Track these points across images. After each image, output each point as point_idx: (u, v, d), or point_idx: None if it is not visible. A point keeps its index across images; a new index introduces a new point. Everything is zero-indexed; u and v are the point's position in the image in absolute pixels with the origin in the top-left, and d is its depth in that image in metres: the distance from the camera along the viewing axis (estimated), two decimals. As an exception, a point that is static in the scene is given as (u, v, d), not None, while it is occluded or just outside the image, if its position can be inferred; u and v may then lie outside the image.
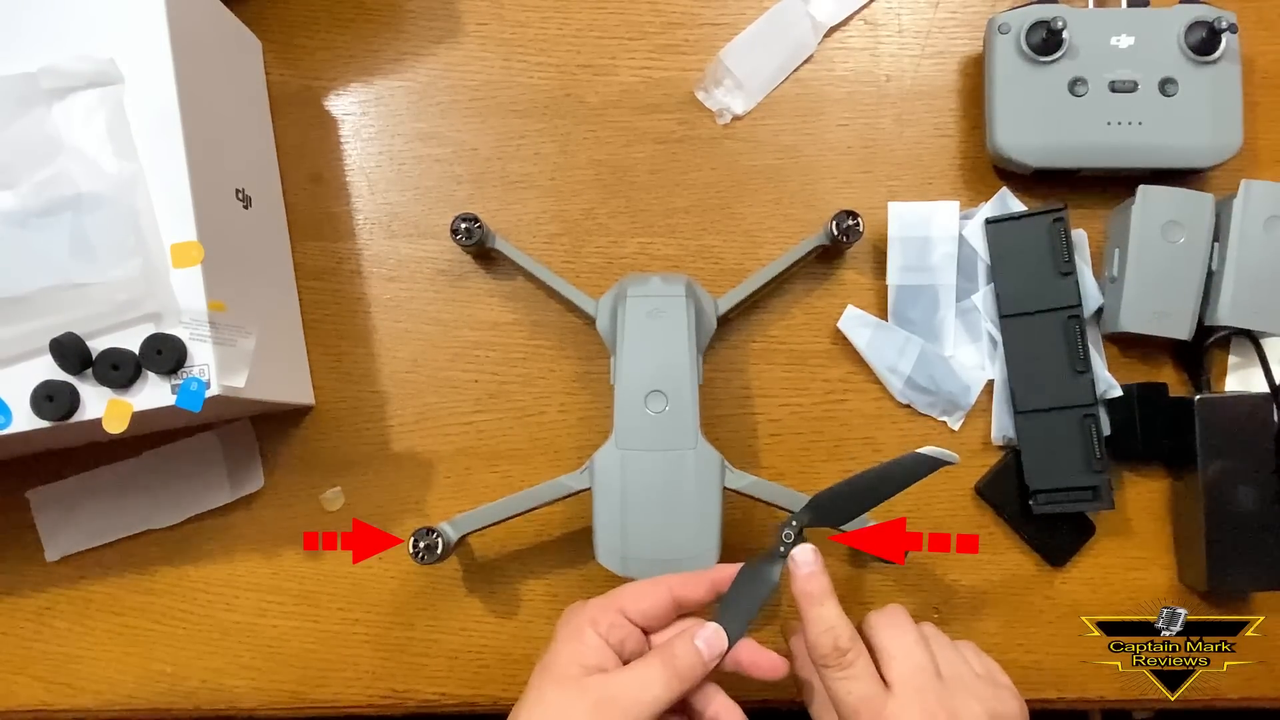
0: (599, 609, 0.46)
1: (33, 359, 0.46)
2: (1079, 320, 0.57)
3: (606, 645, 0.44)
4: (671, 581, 0.46)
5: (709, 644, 0.44)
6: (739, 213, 0.61)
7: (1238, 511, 0.56)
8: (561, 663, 0.44)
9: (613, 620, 0.45)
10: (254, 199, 0.56)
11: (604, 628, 0.45)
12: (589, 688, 0.42)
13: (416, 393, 0.61)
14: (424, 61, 0.62)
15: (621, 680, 0.43)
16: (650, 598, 0.46)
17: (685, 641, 0.44)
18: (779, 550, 0.46)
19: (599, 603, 0.46)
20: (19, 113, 0.46)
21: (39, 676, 0.61)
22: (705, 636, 0.44)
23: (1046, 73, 0.57)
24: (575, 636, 0.45)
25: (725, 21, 0.62)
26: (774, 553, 0.46)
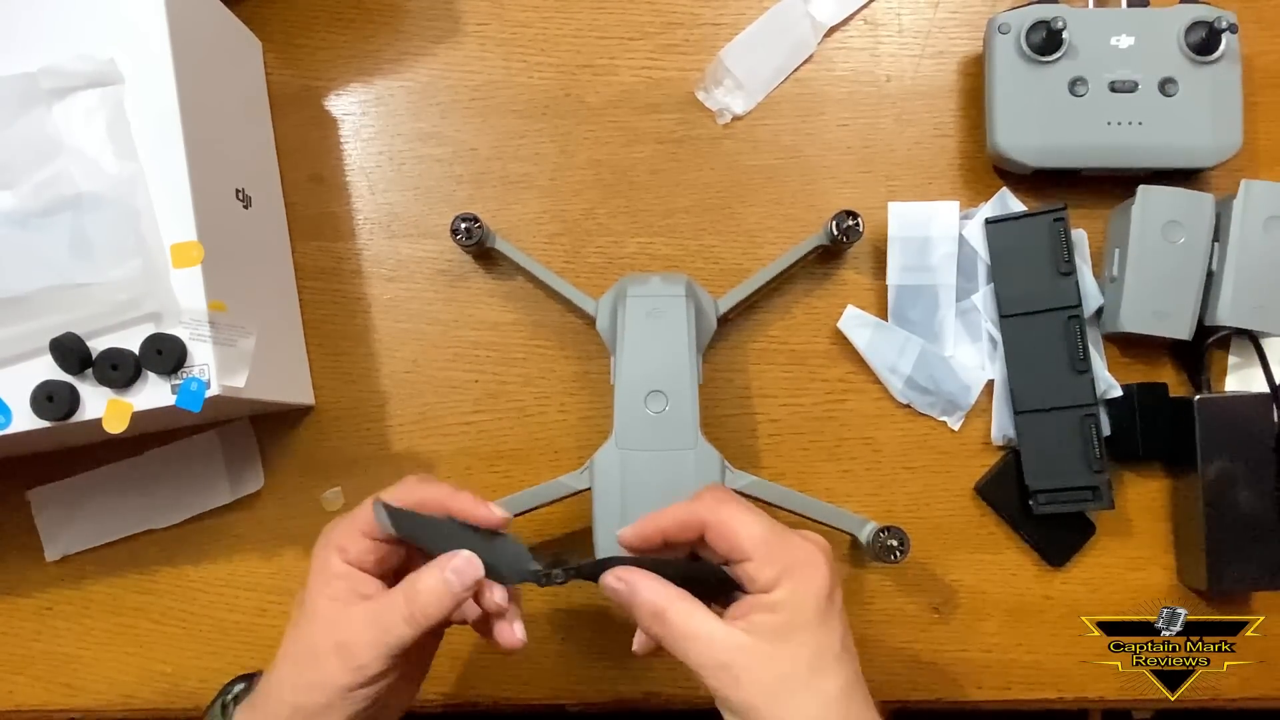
0: (345, 534, 0.43)
1: (33, 359, 0.46)
2: (1079, 320, 0.57)
3: (359, 572, 0.43)
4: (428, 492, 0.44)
5: (460, 574, 0.41)
6: (739, 213, 0.61)
7: (1238, 511, 0.56)
8: (309, 600, 0.43)
9: (363, 546, 0.43)
10: (254, 199, 0.56)
11: (354, 554, 0.43)
12: (331, 629, 0.41)
13: (416, 393, 0.61)
14: (424, 61, 0.62)
15: (360, 621, 0.41)
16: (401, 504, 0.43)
17: (431, 574, 0.41)
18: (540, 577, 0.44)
19: (345, 526, 0.43)
20: (19, 113, 0.46)
21: (39, 676, 0.61)
22: (456, 566, 0.41)
23: (1046, 73, 0.57)
24: (322, 568, 0.43)
25: (725, 21, 0.62)
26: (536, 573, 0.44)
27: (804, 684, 0.39)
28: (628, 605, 0.42)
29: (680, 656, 0.40)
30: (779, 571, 0.40)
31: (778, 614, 0.40)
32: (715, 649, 0.40)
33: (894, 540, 0.54)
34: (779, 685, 0.39)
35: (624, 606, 0.42)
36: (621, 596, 0.42)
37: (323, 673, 0.41)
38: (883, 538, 0.54)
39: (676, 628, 0.40)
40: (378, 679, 0.41)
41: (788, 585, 0.40)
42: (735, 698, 0.39)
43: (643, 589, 0.42)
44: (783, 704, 0.39)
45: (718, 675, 0.40)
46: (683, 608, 0.41)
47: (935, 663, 0.59)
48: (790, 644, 0.40)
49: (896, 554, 0.53)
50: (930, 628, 0.59)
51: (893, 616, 0.59)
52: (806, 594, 0.40)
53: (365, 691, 0.41)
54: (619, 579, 0.42)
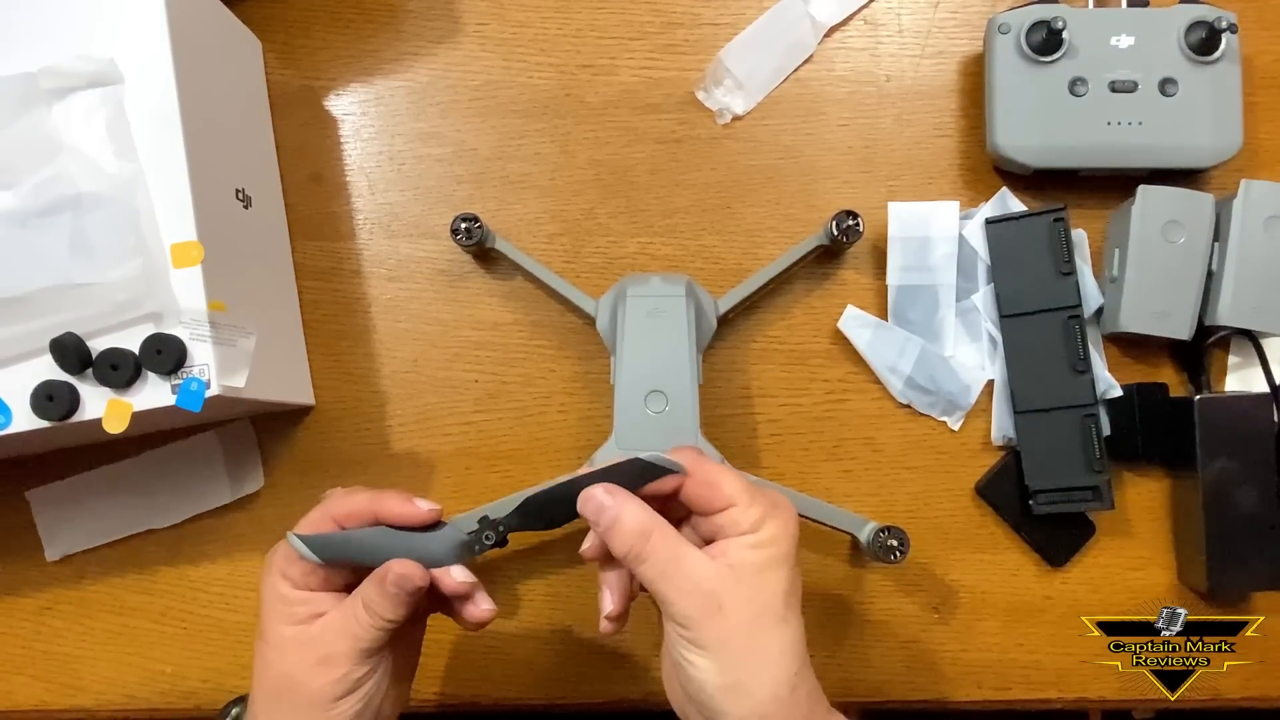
0: (285, 561, 0.44)
1: (33, 359, 0.46)
2: (1079, 320, 0.57)
3: (311, 593, 0.43)
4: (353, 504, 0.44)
5: (401, 584, 0.42)
6: (739, 213, 0.61)
7: (1238, 511, 0.56)
8: (271, 631, 0.43)
9: (305, 568, 0.43)
10: (254, 199, 0.56)
11: (299, 578, 0.43)
12: (304, 650, 0.42)
13: (416, 393, 0.61)
14: (424, 61, 0.62)
15: (331, 634, 0.42)
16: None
17: (374, 586, 0.42)
18: (473, 545, 0.44)
19: (284, 553, 0.44)
20: (19, 113, 0.46)
21: (39, 676, 0.61)
22: (394, 580, 0.42)
23: (1046, 73, 0.57)
24: (274, 599, 0.43)
25: (725, 21, 0.62)
26: (469, 544, 0.44)
27: (779, 619, 0.40)
28: (610, 524, 0.41)
29: (659, 583, 0.40)
30: (763, 513, 0.41)
31: (762, 550, 0.40)
32: (700, 574, 0.39)
33: (894, 540, 0.54)
34: (757, 619, 0.39)
35: (605, 526, 0.41)
36: (606, 515, 0.41)
37: (307, 692, 0.42)
38: (883, 538, 0.54)
39: (663, 550, 0.40)
40: (362, 681, 0.43)
41: (769, 526, 0.41)
42: (712, 626, 0.39)
43: (630, 507, 0.41)
44: (757, 637, 0.39)
45: (698, 601, 0.39)
46: (669, 531, 0.41)
47: (935, 663, 0.59)
48: (770, 580, 0.40)
49: (896, 554, 0.53)
50: (930, 628, 0.59)
51: (893, 616, 0.59)
52: (784, 535, 0.41)
53: (353, 698, 0.42)
54: (610, 493, 0.41)
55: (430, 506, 0.44)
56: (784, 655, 0.40)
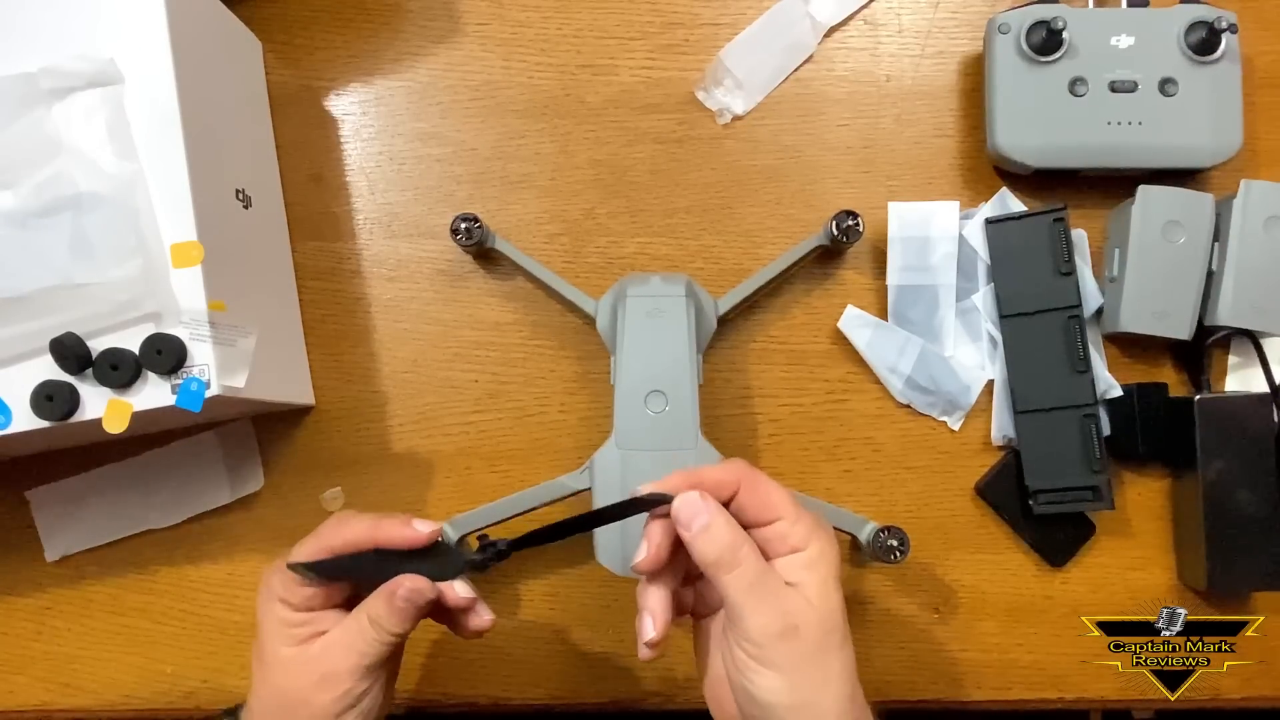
0: (283, 585, 0.43)
1: (33, 359, 0.46)
2: (1079, 320, 0.57)
3: (310, 613, 0.43)
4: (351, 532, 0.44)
5: (410, 599, 0.42)
6: (739, 213, 0.61)
7: (1238, 511, 0.56)
8: (270, 652, 0.43)
9: (304, 592, 0.43)
10: (254, 199, 0.56)
11: (298, 600, 0.43)
12: (306, 669, 0.43)
13: (416, 393, 0.61)
14: (424, 61, 0.62)
15: (334, 651, 0.42)
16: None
17: (382, 600, 0.42)
18: (477, 564, 0.44)
19: (280, 577, 0.43)
20: (19, 113, 0.46)
21: (39, 676, 0.61)
22: (404, 595, 0.42)
23: (1046, 73, 0.57)
24: (272, 621, 0.44)
25: (725, 21, 0.62)
26: (470, 561, 0.44)
27: (844, 638, 0.40)
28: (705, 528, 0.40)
29: (744, 594, 0.39)
30: (809, 529, 0.41)
31: (817, 570, 0.40)
32: (784, 596, 0.39)
33: (894, 540, 0.54)
34: (826, 638, 0.40)
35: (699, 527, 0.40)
36: (701, 518, 0.40)
37: (310, 711, 0.42)
38: (883, 538, 0.54)
39: (756, 563, 0.40)
40: (363, 696, 0.43)
41: (817, 543, 0.41)
42: (785, 647, 0.39)
43: (724, 516, 0.40)
44: (826, 656, 0.40)
45: (781, 622, 0.39)
46: (757, 549, 0.40)
47: (935, 663, 0.59)
48: (835, 600, 0.40)
49: (896, 554, 0.53)
50: (930, 628, 0.59)
51: (893, 616, 0.59)
52: (833, 552, 0.41)
53: (354, 712, 0.43)
54: (706, 500, 0.40)
55: (430, 528, 0.44)
56: (845, 674, 0.40)
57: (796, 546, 0.41)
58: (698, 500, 0.40)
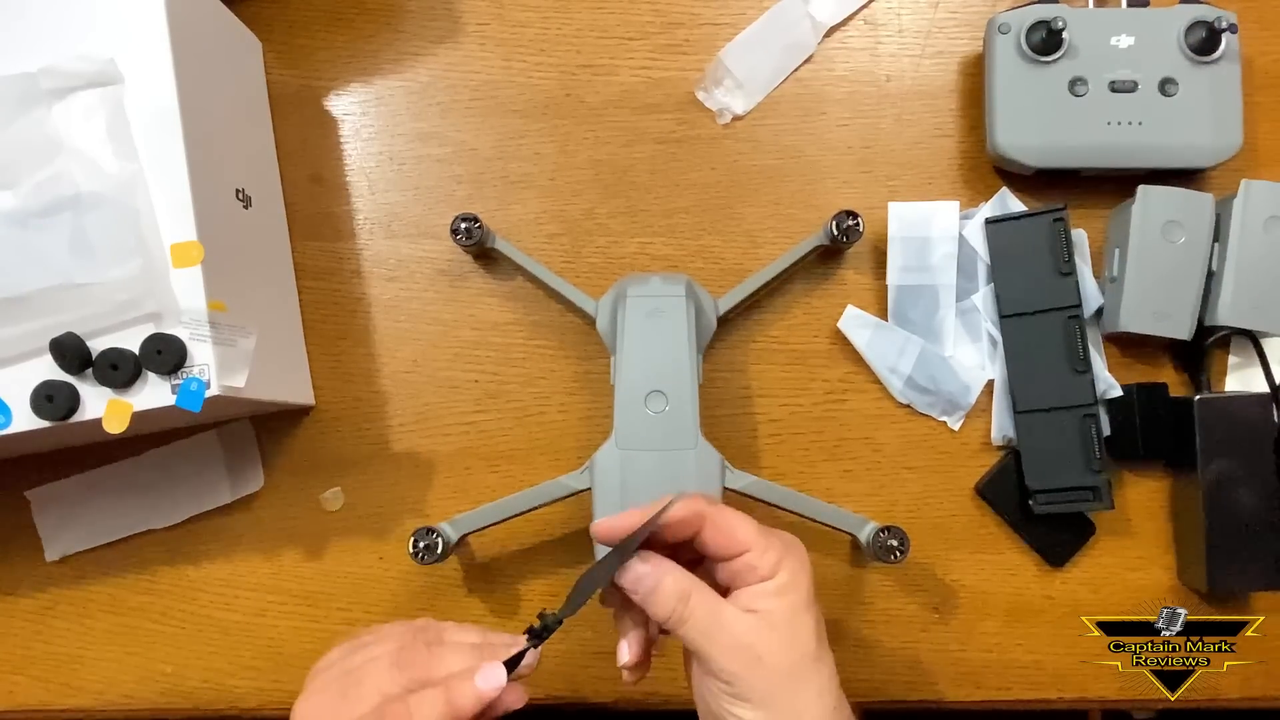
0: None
1: (33, 359, 0.46)
2: (1079, 320, 0.57)
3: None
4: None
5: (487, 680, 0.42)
6: (739, 213, 0.61)
7: (1238, 511, 0.56)
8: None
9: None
10: (254, 199, 0.56)
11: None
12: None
13: (416, 393, 0.61)
14: (424, 61, 0.62)
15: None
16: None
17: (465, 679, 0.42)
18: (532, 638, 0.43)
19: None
20: (19, 113, 0.46)
21: (39, 676, 0.61)
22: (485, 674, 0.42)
23: (1046, 73, 0.57)
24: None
25: (725, 21, 0.62)
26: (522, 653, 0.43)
27: (814, 661, 0.41)
28: (650, 590, 0.41)
29: (700, 642, 0.40)
30: (778, 557, 0.41)
31: (785, 596, 0.41)
32: (739, 631, 0.40)
33: (894, 540, 0.54)
34: (796, 664, 0.40)
35: (645, 592, 0.41)
36: (645, 583, 0.41)
37: None
38: (883, 538, 0.54)
39: (703, 610, 0.41)
40: None
41: (787, 569, 0.41)
42: (755, 680, 0.40)
43: (669, 572, 0.41)
44: (798, 682, 0.40)
45: (740, 657, 0.40)
46: (707, 591, 0.41)
47: (935, 663, 0.59)
48: (801, 625, 0.41)
49: (896, 554, 0.53)
50: (930, 628, 0.59)
51: (893, 616, 0.59)
52: (803, 575, 0.42)
53: None
54: (646, 562, 0.41)
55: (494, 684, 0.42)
56: (823, 693, 0.41)
57: (765, 576, 0.41)
58: (638, 566, 0.42)
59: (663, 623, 0.41)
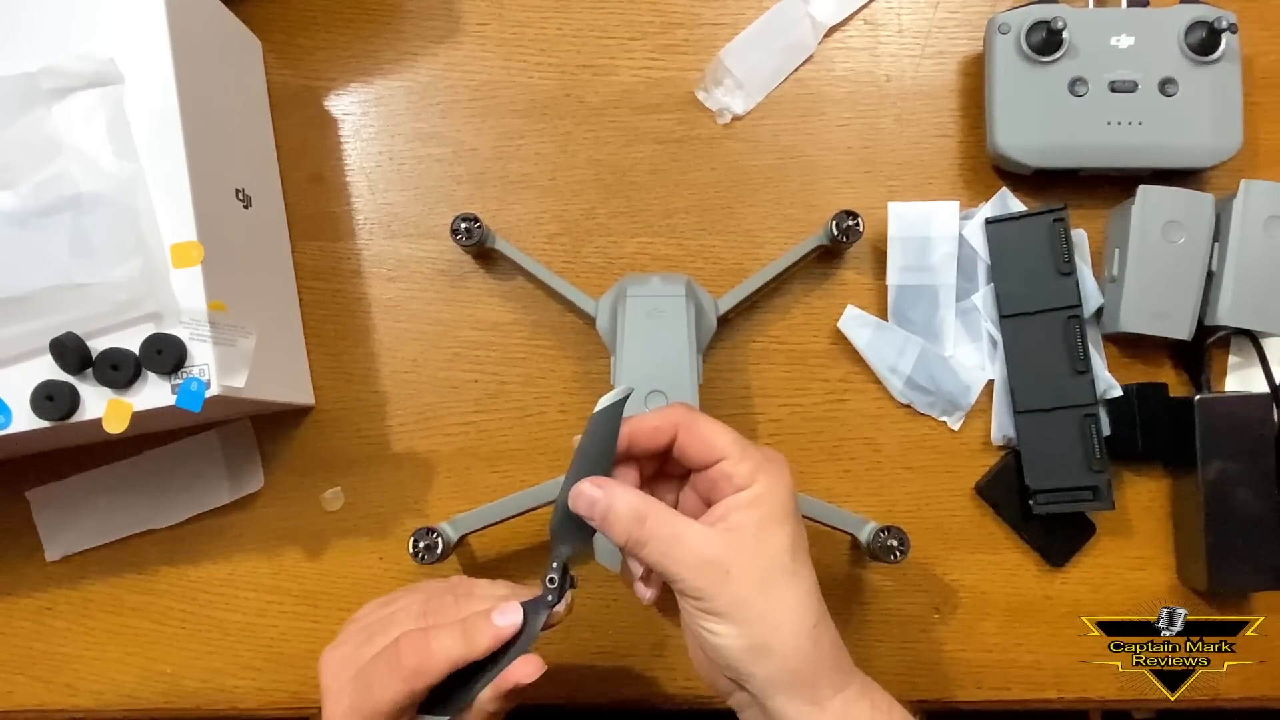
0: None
1: (33, 359, 0.46)
2: (1079, 320, 0.57)
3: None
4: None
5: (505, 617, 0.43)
6: (739, 213, 0.61)
7: (1238, 511, 0.56)
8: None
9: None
10: (254, 199, 0.56)
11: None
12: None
13: (416, 393, 0.61)
14: (424, 61, 0.62)
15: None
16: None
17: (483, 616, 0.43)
18: (547, 599, 0.44)
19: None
20: (19, 113, 0.46)
21: (39, 676, 0.61)
22: (503, 612, 0.43)
23: (1046, 73, 0.57)
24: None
25: (725, 21, 0.62)
26: (544, 601, 0.44)
27: (788, 574, 0.40)
28: (604, 515, 0.40)
29: (663, 563, 0.39)
30: (755, 466, 0.40)
31: (758, 508, 0.40)
32: (702, 546, 0.39)
33: (894, 540, 0.54)
34: (766, 577, 0.39)
35: (600, 519, 0.40)
36: (598, 507, 0.40)
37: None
38: (883, 538, 0.54)
39: (661, 530, 0.39)
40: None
41: (763, 480, 0.40)
42: (724, 594, 0.39)
43: (620, 494, 0.40)
44: (770, 595, 0.39)
45: (706, 572, 0.39)
46: (663, 510, 0.40)
47: (935, 663, 0.59)
48: (772, 537, 0.40)
49: (896, 554, 0.53)
50: (930, 628, 0.59)
51: (893, 616, 0.59)
52: (780, 488, 0.41)
53: None
54: (596, 486, 0.40)
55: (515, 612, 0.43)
56: (800, 609, 0.40)
57: (740, 485, 0.40)
58: (588, 490, 0.40)
59: (623, 548, 0.40)
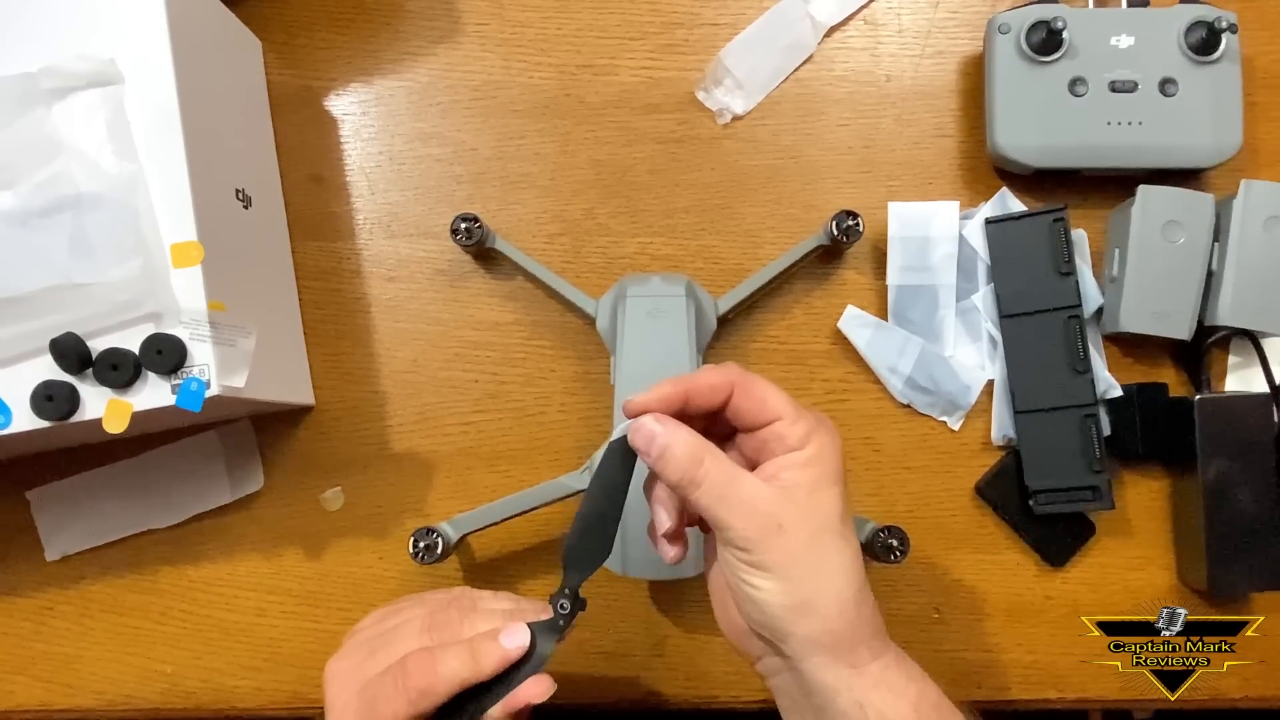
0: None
1: (33, 359, 0.46)
2: (1079, 320, 0.57)
3: None
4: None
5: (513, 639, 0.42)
6: (739, 213, 0.61)
7: (1238, 511, 0.56)
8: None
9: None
10: (254, 199, 0.56)
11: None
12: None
13: (416, 393, 0.61)
14: (424, 61, 0.62)
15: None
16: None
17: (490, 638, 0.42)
18: (558, 623, 0.42)
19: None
20: (19, 113, 0.46)
21: (39, 676, 0.61)
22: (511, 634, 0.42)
23: (1046, 73, 0.57)
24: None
25: (725, 21, 0.62)
26: (554, 625, 0.42)
27: (837, 536, 0.40)
28: (661, 451, 0.39)
29: (716, 507, 0.39)
30: (809, 428, 0.40)
31: (812, 468, 0.40)
32: (756, 495, 0.39)
33: (894, 540, 0.54)
34: (817, 535, 0.39)
35: (657, 454, 0.39)
36: (659, 441, 0.39)
37: None
38: (883, 538, 0.54)
39: (718, 473, 0.39)
40: None
41: (816, 442, 0.40)
42: (774, 546, 0.38)
43: (680, 434, 0.39)
44: (819, 553, 0.39)
45: (758, 522, 0.38)
46: (721, 457, 0.39)
47: (935, 663, 0.59)
48: (825, 497, 0.40)
49: (896, 554, 0.53)
50: (930, 628, 0.59)
51: (893, 616, 0.59)
52: (833, 450, 0.40)
53: None
54: (660, 423, 0.39)
55: (523, 634, 0.42)
56: (846, 572, 0.40)
57: (794, 446, 0.40)
58: (649, 425, 0.40)
59: (675, 486, 0.39)
